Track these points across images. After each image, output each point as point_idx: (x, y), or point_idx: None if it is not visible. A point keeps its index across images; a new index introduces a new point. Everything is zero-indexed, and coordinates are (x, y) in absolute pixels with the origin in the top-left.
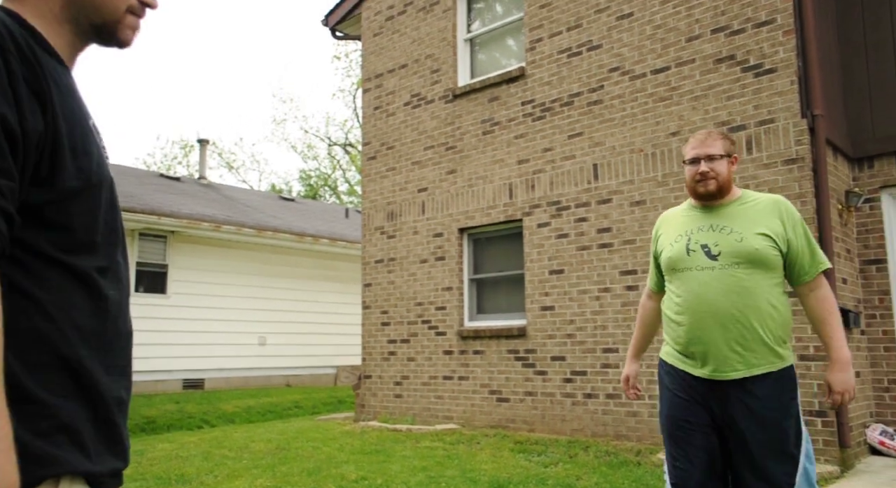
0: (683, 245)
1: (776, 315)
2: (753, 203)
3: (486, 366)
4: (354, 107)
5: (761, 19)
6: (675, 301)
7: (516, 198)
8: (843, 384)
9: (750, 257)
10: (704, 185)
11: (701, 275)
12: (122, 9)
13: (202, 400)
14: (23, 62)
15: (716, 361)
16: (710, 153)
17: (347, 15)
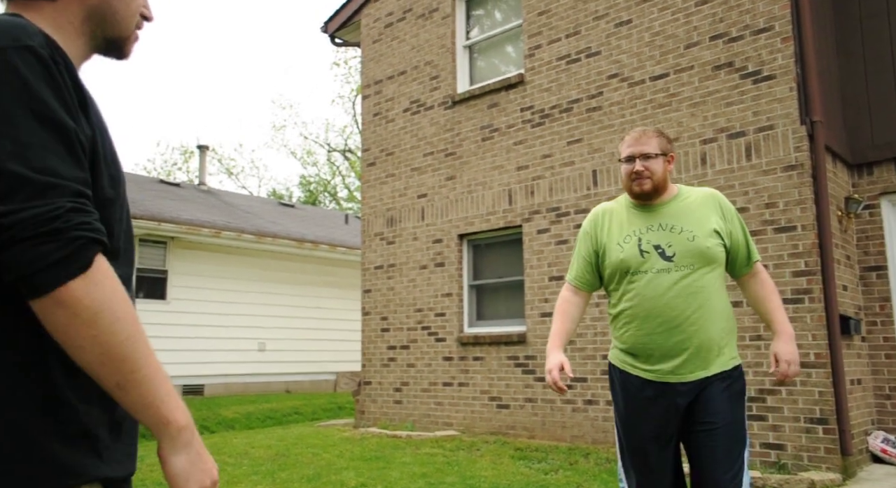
0: (635, 246)
1: (726, 313)
2: (693, 199)
3: (485, 373)
4: (354, 113)
5: (759, 26)
6: (628, 304)
7: (516, 205)
8: (790, 354)
9: (703, 256)
10: (640, 185)
11: (657, 278)
12: (133, 25)
13: (202, 406)
14: (68, 73)
15: (673, 364)
16: (644, 151)
17: (347, 22)
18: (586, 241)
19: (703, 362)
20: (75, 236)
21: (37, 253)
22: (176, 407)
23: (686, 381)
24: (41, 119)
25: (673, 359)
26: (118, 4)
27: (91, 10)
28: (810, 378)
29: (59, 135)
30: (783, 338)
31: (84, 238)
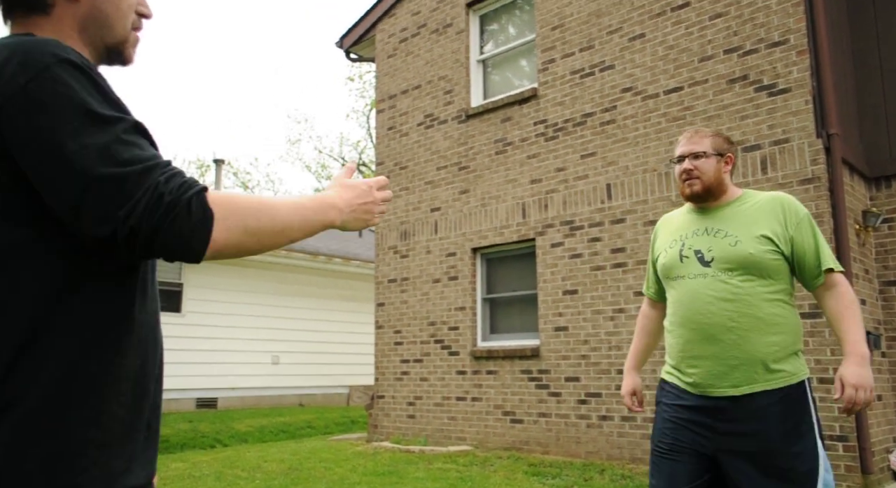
0: (677, 251)
1: (779, 326)
2: (753, 203)
3: (499, 387)
4: (368, 127)
5: (774, 40)
6: (669, 311)
7: (529, 218)
8: (860, 378)
9: (744, 262)
10: (690, 186)
11: (693, 284)
12: (129, 27)
13: (215, 419)
14: (103, 78)
15: (709, 377)
16: (695, 151)
17: (362, 37)
18: (650, 251)
19: (747, 376)
20: (188, 199)
21: (173, 234)
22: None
23: (726, 396)
24: (105, 120)
25: (711, 370)
26: (107, 8)
27: (84, 19)
28: (829, 393)
29: (125, 127)
30: (851, 360)
31: (193, 196)
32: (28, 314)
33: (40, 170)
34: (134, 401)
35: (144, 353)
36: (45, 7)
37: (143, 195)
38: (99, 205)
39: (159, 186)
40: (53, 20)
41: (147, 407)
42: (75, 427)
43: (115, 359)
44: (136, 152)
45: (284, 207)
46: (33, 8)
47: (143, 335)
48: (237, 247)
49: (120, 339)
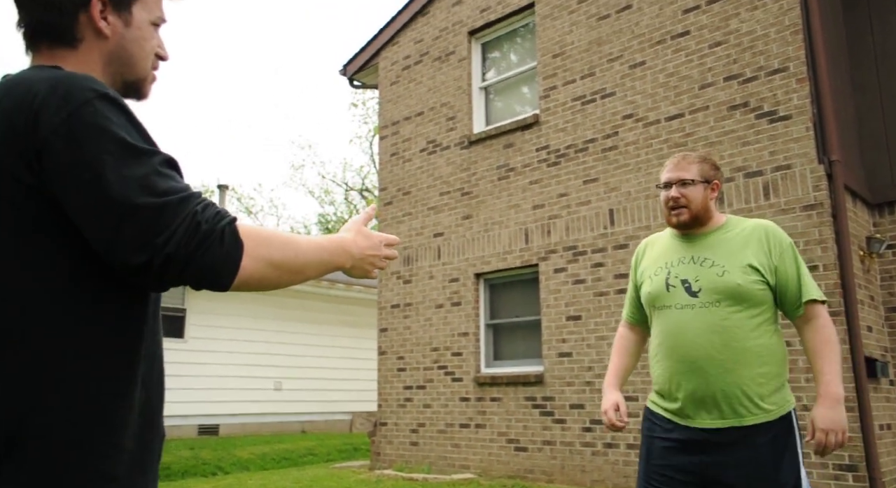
0: (663, 279)
1: (765, 357)
2: (738, 231)
3: (503, 414)
4: (371, 153)
5: (774, 67)
6: (655, 341)
7: (532, 244)
8: (831, 422)
9: (732, 293)
10: (677, 215)
11: (680, 315)
12: (149, 66)
13: (217, 446)
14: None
15: (698, 409)
16: (683, 178)
17: (365, 65)
18: (631, 275)
19: (733, 409)
20: (221, 229)
21: (205, 262)
22: (342, 255)
23: (712, 428)
24: (142, 153)
25: (696, 403)
26: (133, 47)
27: (109, 55)
28: None
29: (160, 160)
30: (824, 403)
31: (226, 226)
32: (41, 346)
33: (80, 199)
34: (143, 434)
35: (151, 386)
36: (74, 41)
37: (180, 223)
38: (137, 234)
39: (196, 215)
40: (80, 54)
41: (156, 440)
42: (88, 461)
43: (126, 391)
44: (171, 183)
45: (306, 245)
46: (61, 40)
47: (151, 367)
48: (261, 279)
49: (130, 372)
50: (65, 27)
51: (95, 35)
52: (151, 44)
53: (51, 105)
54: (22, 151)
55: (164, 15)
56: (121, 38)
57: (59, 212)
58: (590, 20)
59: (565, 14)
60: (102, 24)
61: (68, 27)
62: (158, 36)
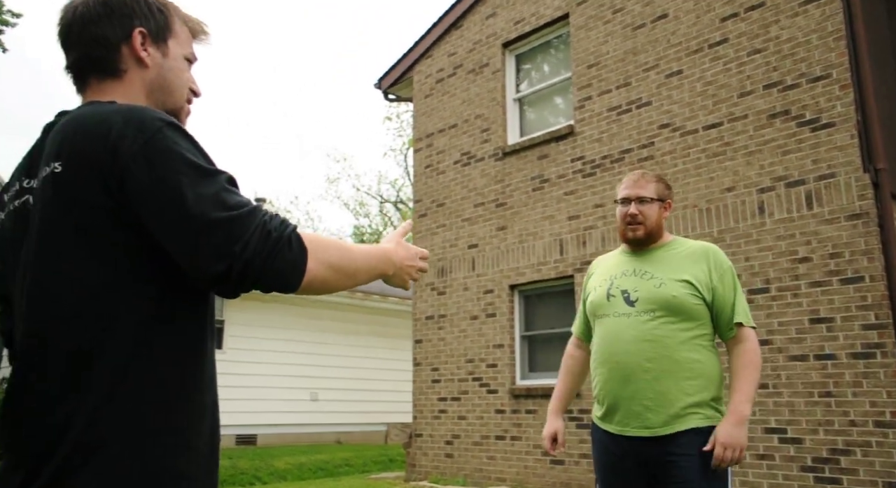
0: (605, 290)
1: (695, 371)
2: (683, 250)
3: (539, 427)
4: (405, 165)
5: (816, 74)
6: (593, 349)
7: (567, 255)
8: (731, 438)
9: (667, 304)
10: (633, 230)
11: (616, 322)
12: (185, 97)
13: (254, 456)
14: None
15: (625, 416)
16: (640, 195)
17: (399, 79)
18: (583, 290)
19: (665, 418)
20: (288, 235)
21: (277, 266)
22: (386, 263)
23: (646, 437)
24: (211, 173)
25: (630, 411)
26: (171, 76)
27: (151, 84)
28: (887, 438)
29: (226, 178)
30: (729, 420)
31: (292, 233)
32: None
33: (163, 217)
34: (212, 436)
35: (214, 391)
36: (119, 72)
37: (253, 232)
38: (215, 244)
39: (266, 224)
40: (125, 84)
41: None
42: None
43: (198, 397)
44: (238, 198)
45: (358, 251)
46: (108, 73)
47: (213, 374)
48: (324, 280)
49: (200, 379)
50: (110, 60)
51: (137, 65)
52: (187, 76)
53: (128, 135)
54: (102, 181)
55: (194, 54)
56: (160, 68)
57: (136, 235)
58: (625, 30)
59: (600, 24)
60: (144, 54)
61: (113, 59)
62: (191, 73)
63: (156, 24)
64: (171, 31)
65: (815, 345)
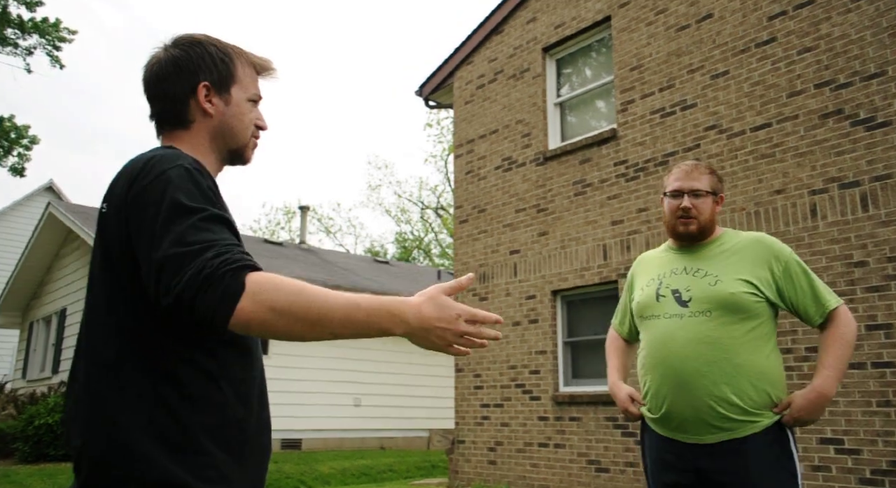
0: (654, 290)
1: (756, 371)
2: (735, 243)
3: (583, 434)
4: (446, 171)
5: (870, 72)
6: (642, 353)
7: (611, 260)
8: (809, 412)
9: (724, 303)
10: (685, 225)
11: (668, 324)
12: (249, 135)
13: (299, 460)
14: (210, 179)
15: (683, 423)
16: (694, 188)
17: (440, 85)
18: (625, 291)
19: (720, 425)
20: (223, 273)
21: (204, 303)
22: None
23: (703, 443)
24: (189, 210)
25: (687, 419)
26: (233, 121)
27: (214, 130)
28: None
29: (204, 216)
30: (808, 394)
31: (230, 270)
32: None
33: (140, 254)
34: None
35: (246, 405)
36: (188, 123)
37: (190, 269)
38: (164, 280)
39: (206, 262)
40: (192, 132)
41: (254, 452)
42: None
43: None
44: (203, 235)
45: (330, 300)
46: (178, 123)
47: (245, 389)
48: (262, 322)
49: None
50: (179, 112)
51: (203, 115)
52: (249, 117)
53: (139, 178)
54: (123, 219)
55: (259, 92)
56: (223, 115)
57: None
58: (668, 31)
59: (643, 26)
60: (207, 106)
61: (182, 112)
62: (257, 110)
63: (219, 75)
64: (234, 78)
65: (873, 353)
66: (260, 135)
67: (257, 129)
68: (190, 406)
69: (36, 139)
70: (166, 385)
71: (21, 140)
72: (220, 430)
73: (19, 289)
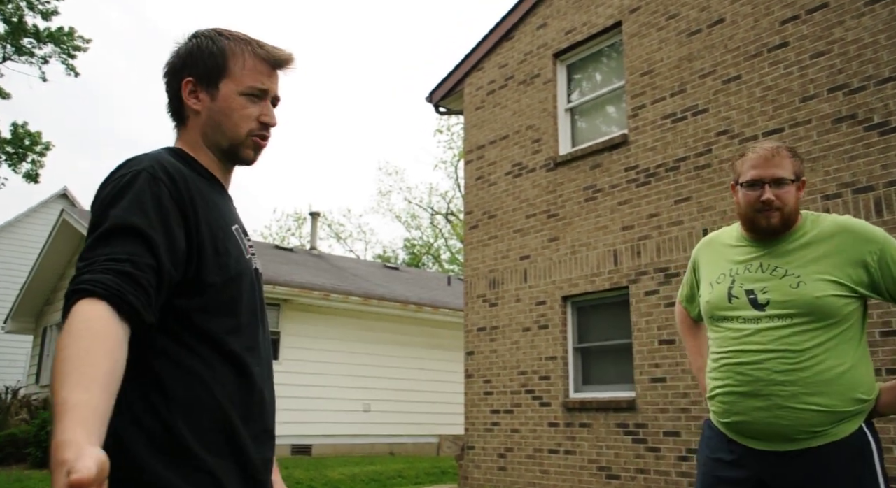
0: (725, 288)
1: (841, 380)
2: (817, 233)
3: (593, 441)
4: (456, 177)
5: (884, 76)
6: (713, 355)
7: (622, 265)
8: (886, 406)
9: (808, 307)
10: (766, 218)
11: (742, 328)
12: (243, 133)
13: (309, 466)
14: (174, 193)
15: (758, 434)
16: (778, 176)
17: (450, 92)
18: (689, 271)
19: (797, 438)
20: (68, 292)
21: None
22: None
23: (773, 451)
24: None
25: (757, 430)
26: (219, 117)
27: (203, 127)
28: None
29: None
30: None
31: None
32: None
33: None
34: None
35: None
36: (184, 119)
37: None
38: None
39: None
40: (188, 130)
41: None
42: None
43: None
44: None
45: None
46: (178, 121)
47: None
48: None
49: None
50: (176, 109)
51: (193, 112)
52: (242, 113)
53: (102, 182)
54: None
55: (264, 85)
56: (209, 111)
57: None
58: (679, 36)
59: (654, 31)
60: (192, 102)
61: (178, 109)
62: (263, 105)
63: (206, 69)
64: (225, 72)
65: (888, 359)
66: (267, 134)
67: (263, 127)
68: (178, 408)
69: (50, 145)
70: (151, 387)
71: (35, 146)
72: (212, 433)
73: (33, 294)
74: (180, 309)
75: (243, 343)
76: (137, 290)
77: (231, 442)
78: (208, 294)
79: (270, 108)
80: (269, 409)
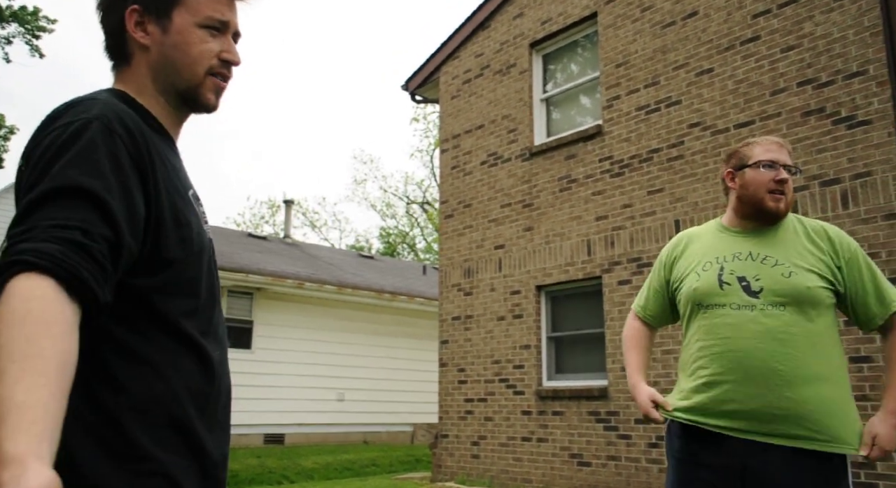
0: (715, 275)
1: (833, 374)
2: (800, 230)
3: (565, 428)
4: (432, 166)
5: (852, 70)
6: (697, 344)
7: (595, 255)
8: (892, 442)
9: (799, 297)
10: (776, 200)
11: (736, 316)
12: (202, 72)
13: (282, 455)
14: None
15: (751, 422)
16: (788, 164)
17: (426, 80)
18: (658, 271)
19: (787, 431)
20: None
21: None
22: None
23: (757, 442)
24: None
25: (751, 418)
26: (173, 53)
27: (153, 65)
28: None
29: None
30: (889, 419)
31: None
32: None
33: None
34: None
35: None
36: (127, 57)
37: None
38: None
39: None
40: (133, 70)
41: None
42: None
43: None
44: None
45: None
46: (119, 59)
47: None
48: None
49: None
50: (117, 46)
51: (140, 48)
52: (201, 48)
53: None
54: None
55: (224, 17)
56: (161, 46)
57: None
58: (654, 28)
59: (629, 23)
60: (139, 35)
61: (120, 45)
62: (224, 40)
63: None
64: (177, 1)
65: (851, 349)
66: (229, 74)
67: (224, 64)
68: (130, 404)
69: (14, 129)
70: (99, 379)
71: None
72: (167, 430)
73: None
74: (134, 289)
75: (201, 326)
76: (91, 264)
77: (189, 439)
78: (167, 272)
79: (232, 44)
80: (227, 399)
